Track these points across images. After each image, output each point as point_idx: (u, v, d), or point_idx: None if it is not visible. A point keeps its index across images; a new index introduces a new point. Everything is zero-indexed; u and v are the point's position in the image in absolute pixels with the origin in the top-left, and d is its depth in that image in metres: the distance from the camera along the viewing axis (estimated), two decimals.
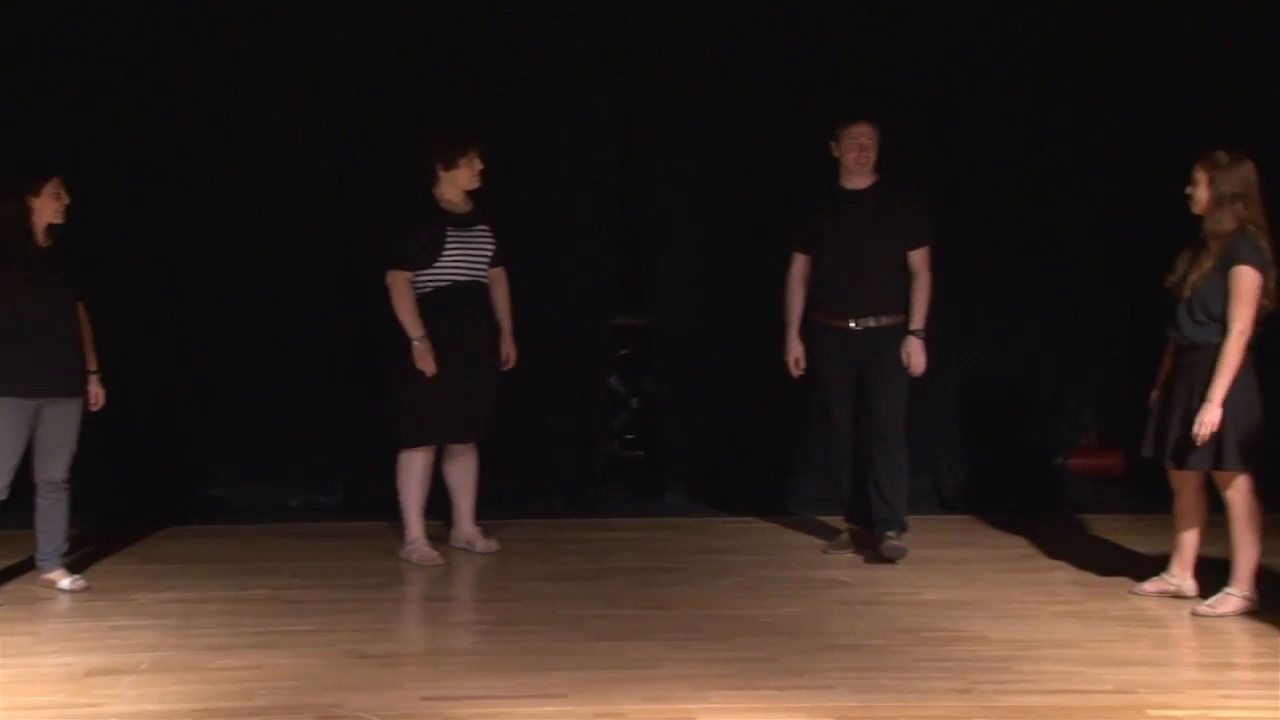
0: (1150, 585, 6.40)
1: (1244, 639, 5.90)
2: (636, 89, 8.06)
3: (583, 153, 7.99)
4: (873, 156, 6.90)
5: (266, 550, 7.22)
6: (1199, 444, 5.96)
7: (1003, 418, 8.19)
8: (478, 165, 6.87)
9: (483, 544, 7.14)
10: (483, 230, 6.95)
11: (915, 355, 6.90)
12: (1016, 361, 8.16)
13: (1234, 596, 6.12)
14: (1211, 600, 6.15)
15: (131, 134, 7.80)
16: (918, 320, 6.90)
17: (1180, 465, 6.12)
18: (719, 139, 8.03)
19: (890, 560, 6.85)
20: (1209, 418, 5.94)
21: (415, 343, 6.78)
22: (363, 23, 7.93)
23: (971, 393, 8.15)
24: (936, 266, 6.96)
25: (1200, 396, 5.99)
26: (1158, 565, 6.49)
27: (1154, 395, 6.28)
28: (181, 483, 7.93)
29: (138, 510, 7.67)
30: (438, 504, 7.17)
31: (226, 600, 6.34)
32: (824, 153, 6.98)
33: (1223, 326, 5.99)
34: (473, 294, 6.91)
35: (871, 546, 7.00)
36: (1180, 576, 6.35)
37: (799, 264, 7.08)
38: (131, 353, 7.67)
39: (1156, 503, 6.48)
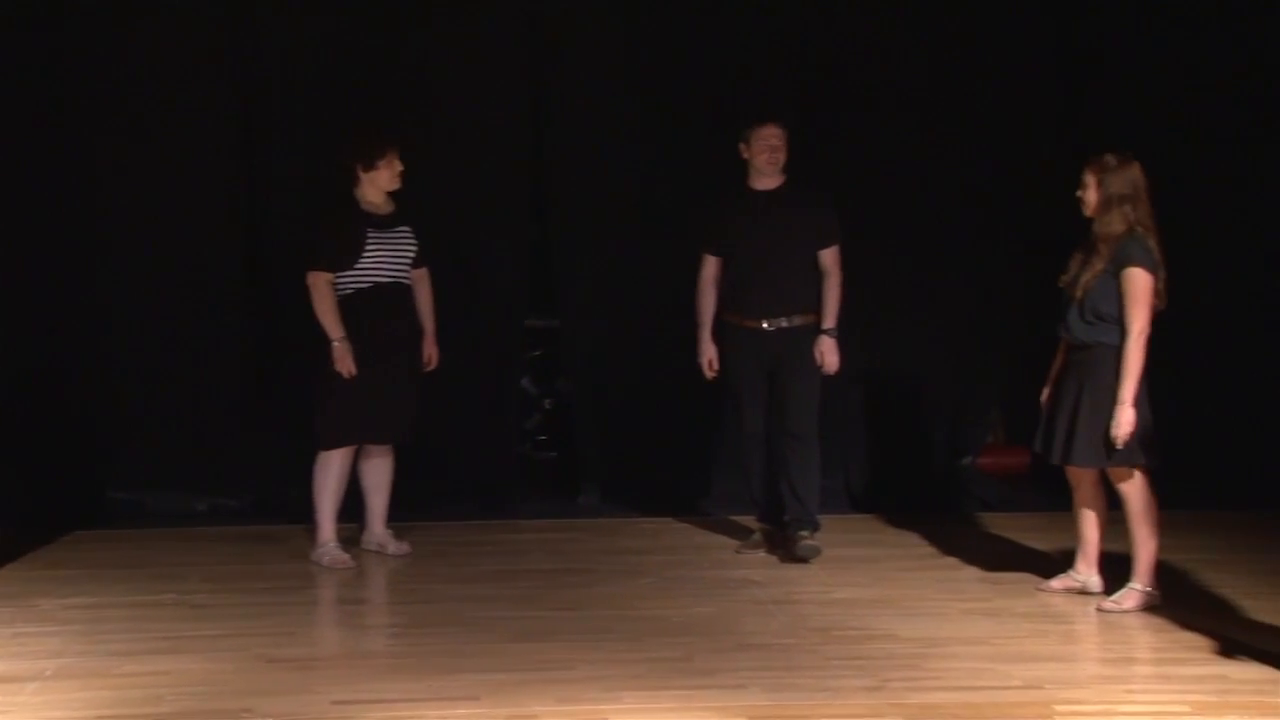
0: (1057, 582, 6.50)
1: (1146, 634, 6.00)
2: (545, 89, 8.05)
3: (491, 154, 7.97)
4: (783, 158, 6.96)
5: (174, 555, 7.14)
6: (1119, 445, 6.06)
7: (912, 417, 8.26)
8: (397, 166, 6.88)
9: (395, 546, 7.11)
10: (404, 231, 6.94)
11: (828, 354, 6.96)
12: (925, 361, 8.23)
13: (1136, 591, 6.22)
14: (1116, 596, 6.25)
15: (35, 130, 7.69)
16: (829, 319, 6.96)
17: (1069, 461, 6.22)
18: (627, 140, 8.04)
19: (804, 560, 6.90)
20: (1124, 419, 6.03)
21: (335, 344, 6.77)
22: (271, 22, 7.86)
23: (881, 393, 8.22)
24: (849, 266, 7.02)
25: (1097, 395, 6.09)
26: (1064, 562, 6.58)
27: (1045, 393, 6.39)
28: (87, 487, 7.82)
29: (41, 515, 7.55)
30: (351, 507, 7.12)
31: (133, 605, 6.25)
32: (731, 154, 7.02)
33: (1111, 326, 6.10)
34: (394, 295, 6.89)
35: (784, 546, 7.04)
36: (1085, 573, 6.45)
37: (710, 266, 7.11)
38: (36, 353, 7.56)
39: (1063, 500, 6.57)
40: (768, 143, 6.93)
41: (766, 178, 6.99)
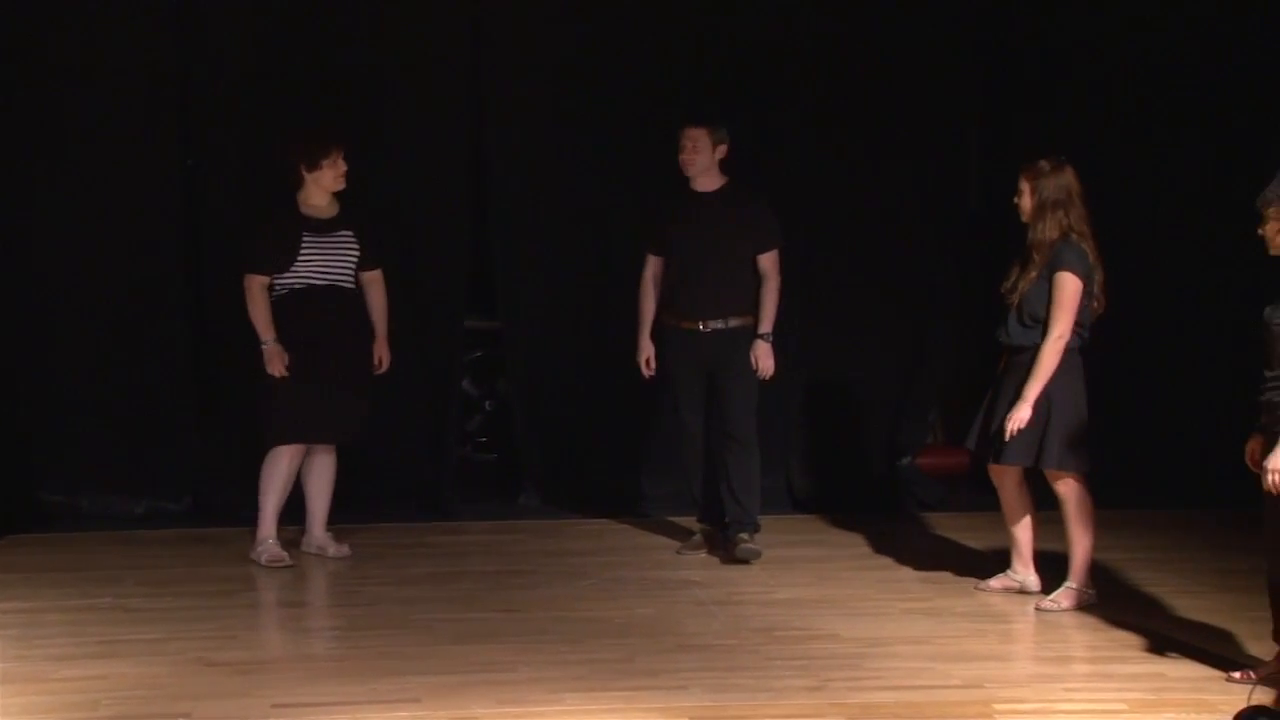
0: (995, 581, 6.54)
1: (1083, 633, 6.06)
2: (486, 90, 8.01)
3: (430, 154, 7.93)
4: (701, 159, 6.93)
5: (110, 558, 7.07)
6: (1007, 439, 6.13)
7: (853, 418, 8.29)
8: (342, 166, 6.87)
9: (335, 549, 7.07)
10: (345, 235, 6.91)
11: (763, 359, 6.97)
12: (865, 363, 8.26)
13: (1072, 590, 6.28)
14: (1053, 595, 6.31)
15: None
16: (765, 323, 6.97)
17: (998, 460, 6.27)
18: (568, 140, 8.02)
19: (745, 561, 6.91)
20: (1020, 414, 6.11)
21: (265, 346, 6.78)
22: (211, 23, 7.77)
23: (822, 393, 8.25)
24: (788, 269, 7.04)
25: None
26: (1002, 561, 6.62)
27: (987, 395, 6.44)
28: (21, 489, 7.71)
29: None
30: (293, 510, 7.07)
31: (69, 610, 6.18)
32: (673, 154, 7.02)
33: (1046, 329, 6.15)
34: (331, 298, 6.87)
35: (724, 548, 7.05)
36: (1023, 572, 6.50)
37: (651, 265, 7.12)
38: None
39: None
40: (681, 145, 6.95)
41: (704, 179, 6.99)
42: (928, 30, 8.16)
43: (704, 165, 6.95)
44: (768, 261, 6.99)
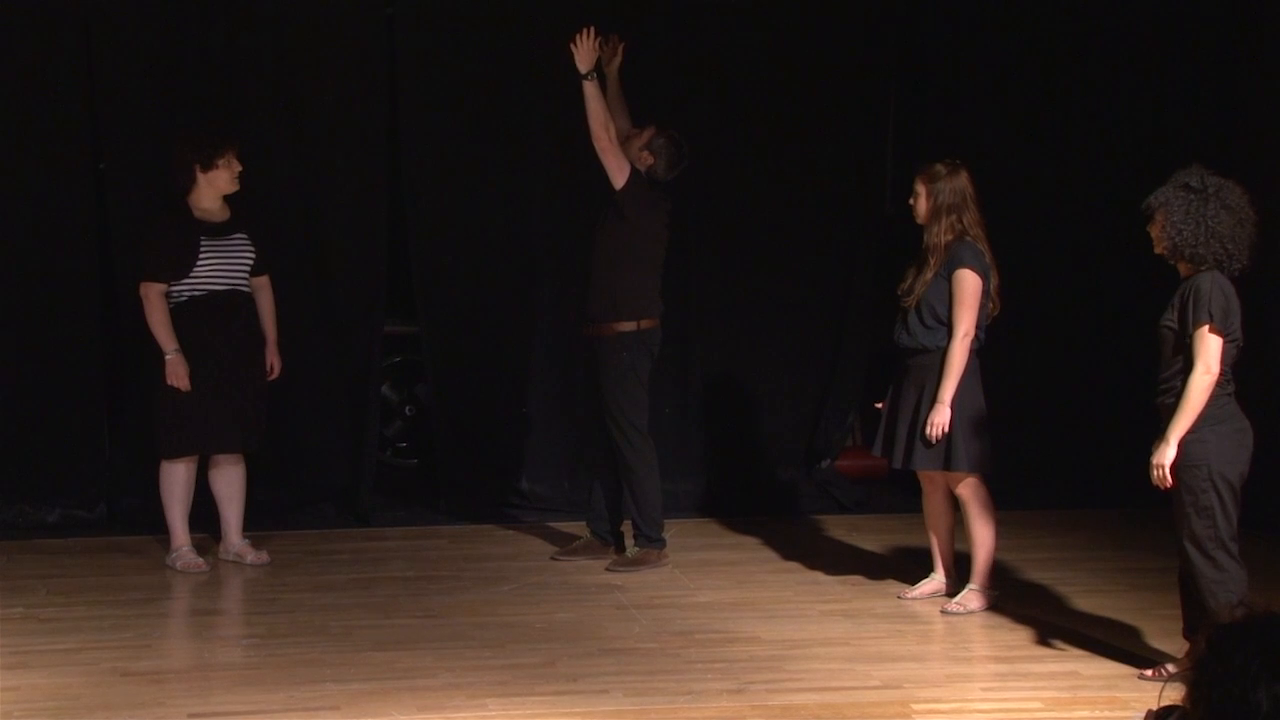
0: (918, 590, 6.52)
1: (998, 632, 6.11)
2: (401, 89, 7.96)
3: (348, 157, 7.87)
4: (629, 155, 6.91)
5: (22, 568, 6.96)
6: (933, 443, 6.15)
7: (772, 421, 8.33)
8: (236, 166, 6.77)
9: (253, 556, 7.01)
10: (240, 239, 6.83)
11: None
12: (784, 365, 8.30)
13: (975, 592, 6.31)
14: (959, 598, 6.33)
15: None
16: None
17: (910, 465, 6.31)
18: (486, 143, 7.99)
19: (611, 571, 6.88)
20: (938, 418, 6.13)
21: (168, 357, 6.69)
22: (112, 18, 7.67)
23: (741, 396, 8.28)
24: (707, 271, 7.02)
25: (931, 398, 6.18)
26: (921, 563, 6.67)
27: (888, 398, 6.44)
28: None
29: None
30: (211, 518, 7.00)
31: None
32: (583, 158, 7.00)
33: (949, 329, 6.20)
34: (231, 303, 6.80)
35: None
36: (943, 575, 6.52)
37: None
38: None
39: (919, 503, 6.66)
40: None
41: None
42: (844, 37, 8.21)
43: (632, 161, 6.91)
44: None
